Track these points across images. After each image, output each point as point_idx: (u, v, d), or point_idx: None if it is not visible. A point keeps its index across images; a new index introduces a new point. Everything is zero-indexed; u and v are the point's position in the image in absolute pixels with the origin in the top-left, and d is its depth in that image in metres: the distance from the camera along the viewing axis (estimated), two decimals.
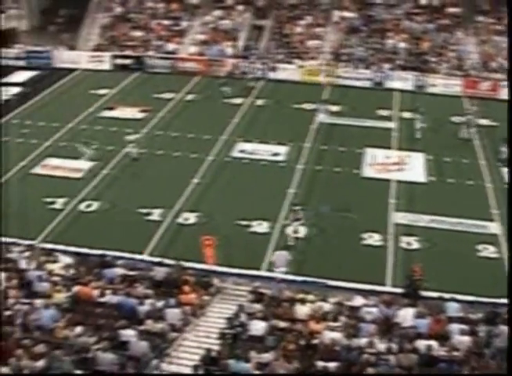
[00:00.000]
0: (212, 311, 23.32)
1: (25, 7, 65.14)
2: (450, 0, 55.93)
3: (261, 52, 53.77)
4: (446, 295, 22.98)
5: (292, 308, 21.94)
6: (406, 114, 43.13)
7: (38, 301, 21.68)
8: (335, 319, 21.06)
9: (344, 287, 24.93)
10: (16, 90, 50.18)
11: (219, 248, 26.18)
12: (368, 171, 35.54)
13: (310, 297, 22.62)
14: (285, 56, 53.06)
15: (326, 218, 30.77)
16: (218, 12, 58.38)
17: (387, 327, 20.80)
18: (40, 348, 18.81)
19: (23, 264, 24.80)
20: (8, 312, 20.77)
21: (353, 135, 39.89)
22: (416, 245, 28.60)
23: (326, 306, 22.02)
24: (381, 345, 19.45)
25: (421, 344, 19.48)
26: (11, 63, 56.17)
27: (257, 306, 22.19)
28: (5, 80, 52.45)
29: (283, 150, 38.10)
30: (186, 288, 23.06)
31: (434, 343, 19.46)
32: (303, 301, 22.09)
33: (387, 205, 31.90)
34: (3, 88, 50.25)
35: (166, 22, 58.51)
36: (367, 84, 49.40)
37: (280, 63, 51.93)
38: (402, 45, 52.49)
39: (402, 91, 47.95)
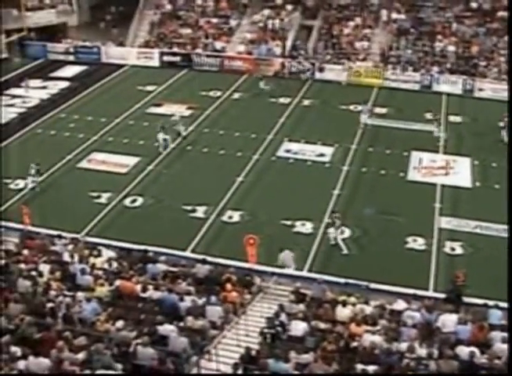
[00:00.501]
0: (253, 310, 23.29)
1: (75, 3, 65.75)
2: (501, 4, 55.18)
3: (309, 53, 53.67)
4: (489, 302, 22.71)
5: (333, 309, 21.84)
6: (454, 118, 42.71)
7: (81, 294, 21.86)
8: (376, 323, 20.90)
9: (386, 290, 24.81)
10: (64, 84, 50.72)
11: (262, 247, 26.18)
12: (413, 175, 35.27)
13: (352, 299, 22.48)
14: (333, 56, 52.88)
15: (371, 220, 30.65)
16: (267, 12, 58.25)
17: (428, 333, 20.59)
18: (81, 340, 18.93)
19: (66, 257, 25.07)
20: (50, 304, 20.97)
21: (399, 138, 39.56)
22: (459, 250, 28.34)
23: (368, 309, 21.86)
24: (422, 350, 19.25)
25: (462, 350, 19.25)
26: (60, 57, 56.83)
27: (298, 307, 22.13)
28: (54, 74, 53.08)
29: (328, 150, 37.96)
30: (228, 286, 23.08)
31: (475, 350, 19.23)
32: (344, 304, 21.94)
33: (432, 209, 31.63)
34: (52, 82, 50.85)
35: (215, 20, 58.66)
36: (415, 86, 48.99)
37: (328, 63, 51.77)
38: (451, 48, 51.92)
39: (449, 94, 47.44)
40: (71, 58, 56.89)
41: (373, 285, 25.04)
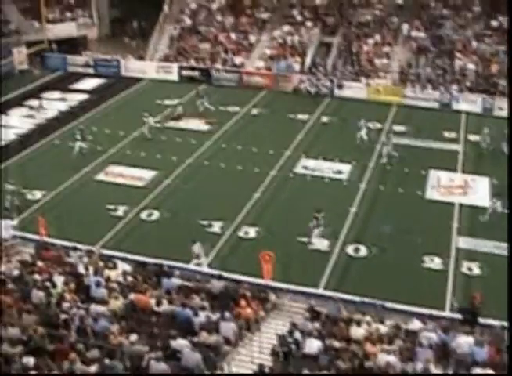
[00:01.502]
0: (267, 326, 23.22)
1: (96, 16, 66.24)
2: None
3: (328, 69, 53.65)
4: (506, 324, 22.49)
5: (348, 328, 21.71)
6: (473, 137, 42.54)
7: (95, 307, 21.85)
8: (391, 342, 20.77)
9: (401, 309, 24.63)
10: (83, 97, 50.97)
11: (278, 264, 26.04)
12: (432, 194, 35.10)
13: (367, 318, 22.34)
14: (352, 73, 52.86)
15: (388, 238, 30.50)
16: (286, 28, 58.42)
17: (443, 353, 20.45)
18: (93, 353, 18.92)
19: (81, 269, 25.07)
20: (64, 316, 20.96)
21: (418, 157, 39.42)
22: (477, 271, 28.12)
23: (383, 328, 21.75)
24: (437, 371, 19.10)
25: (478, 372, 19.07)
26: (80, 70, 57.16)
27: (313, 324, 22.02)
28: (73, 86, 53.37)
29: (346, 168, 37.86)
30: (243, 302, 22.99)
31: (491, 372, 19.04)
32: (359, 322, 21.82)
33: (449, 229, 31.44)
34: (71, 95, 51.10)
35: (234, 35, 58.83)
36: (434, 105, 48.87)
37: (347, 80, 51.77)
38: (471, 66, 51.72)
39: (469, 113, 47.25)
40: (91, 71, 57.22)
41: (388, 304, 24.82)
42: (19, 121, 45.39)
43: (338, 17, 58.63)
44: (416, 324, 22.32)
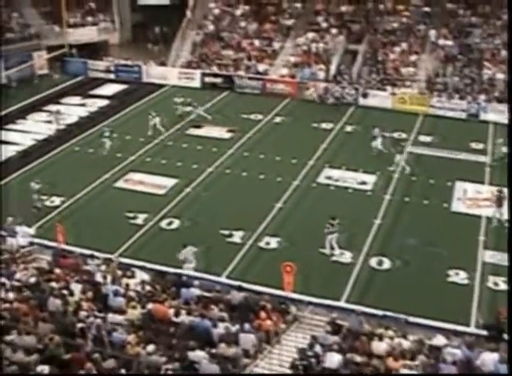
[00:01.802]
0: (287, 339, 23.16)
1: (117, 21, 66.56)
2: None
3: (353, 77, 53.63)
4: None
5: (370, 342, 21.63)
6: (501, 148, 42.32)
7: (112, 316, 21.92)
8: (414, 358, 20.67)
9: (425, 324, 24.51)
10: (104, 102, 51.22)
11: (299, 275, 25.98)
12: (458, 206, 34.93)
13: (389, 332, 22.26)
14: (377, 82, 52.79)
15: (412, 251, 30.39)
16: (311, 35, 58.44)
17: (467, 370, 20.31)
18: (110, 363, 18.97)
19: (99, 277, 25.16)
20: (80, 325, 21.04)
21: (444, 168, 39.26)
22: (503, 286, 27.88)
23: (406, 343, 21.64)
24: None
25: None
26: (101, 75, 57.48)
27: (334, 338, 21.96)
28: (93, 92, 53.65)
29: (370, 178, 37.79)
30: (263, 314, 22.97)
31: None
32: (382, 337, 21.75)
33: (475, 242, 31.27)
34: (92, 100, 51.38)
35: (258, 42, 58.96)
36: (461, 115, 48.65)
37: (372, 89, 51.74)
38: (500, 76, 51.47)
39: (497, 124, 46.95)
40: (112, 76, 57.58)
41: (412, 319, 24.70)
42: (37, 127, 45.70)
43: (364, 24, 58.62)
44: (439, 340, 22.19)
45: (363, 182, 37.35)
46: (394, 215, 33.96)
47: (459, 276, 28.48)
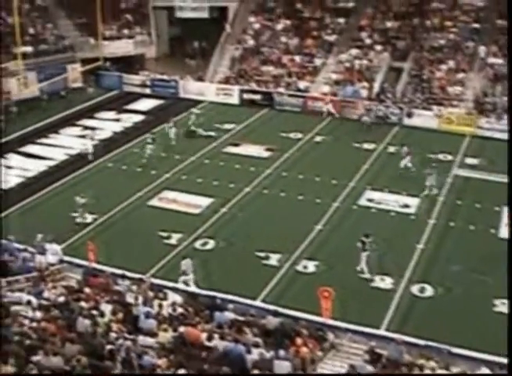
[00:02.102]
0: (324, 368, 23.02)
1: (154, 34, 66.95)
2: None
3: (397, 96, 53.47)
4: None
5: (410, 373, 21.44)
6: None
7: (143, 338, 21.94)
8: None
9: (469, 356, 24.21)
10: (139, 118, 51.57)
11: (337, 301, 25.86)
12: (506, 232, 34.49)
13: (431, 363, 22.03)
14: (423, 101, 52.58)
15: (456, 278, 30.13)
16: (354, 51, 58.48)
17: None
18: None
19: (129, 298, 25.24)
20: (109, 347, 21.07)
21: (491, 191, 38.90)
22: None
23: None
24: None
25: None
26: (136, 90, 57.92)
27: (373, 367, 21.80)
28: (128, 107, 54.04)
29: (413, 201, 37.60)
30: (298, 341, 22.86)
31: None
32: (422, 368, 21.55)
33: None
34: (126, 115, 51.77)
35: (299, 58, 59.06)
36: None
37: (417, 108, 51.55)
38: None
39: None
40: (147, 91, 58.06)
41: (455, 349, 24.40)
42: (70, 141, 46.11)
43: (410, 41, 58.54)
44: (484, 373, 21.96)
45: (406, 206, 37.18)
46: (438, 240, 33.72)
47: (506, 306, 28.08)
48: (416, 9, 60.87)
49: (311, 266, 30.98)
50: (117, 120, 51.17)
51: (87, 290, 25.71)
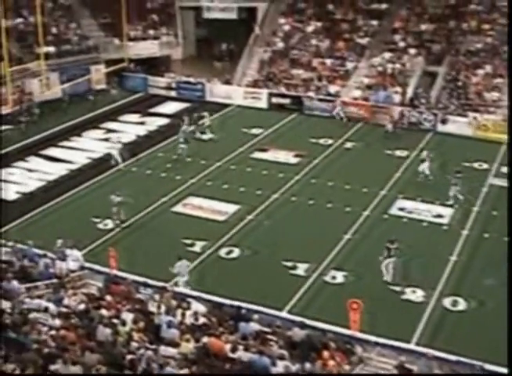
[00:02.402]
0: None
1: (181, 35, 67.08)
2: None
3: (431, 102, 53.34)
4: None
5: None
6: None
7: (164, 349, 22.01)
8: None
9: (503, 373, 24.07)
10: (164, 121, 51.74)
11: (366, 313, 25.83)
12: None
13: None
14: (458, 107, 52.39)
15: (490, 292, 29.99)
16: (387, 55, 58.37)
17: None
18: None
19: (152, 307, 25.32)
20: (130, 356, 21.16)
21: None
22: None
23: None
24: None
25: None
26: (161, 92, 58.12)
27: None
28: (153, 110, 54.25)
29: (447, 211, 37.47)
30: (325, 354, 22.85)
31: None
32: None
33: None
34: (151, 118, 51.96)
35: (330, 61, 59.06)
36: None
37: (452, 114, 51.37)
38: None
39: None
40: (173, 93, 58.31)
41: (488, 366, 24.31)
42: (93, 145, 46.40)
43: (445, 44, 58.37)
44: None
45: (439, 215, 37.06)
46: (472, 252, 33.57)
47: None
48: (453, 11, 60.67)
49: (340, 277, 30.97)
50: (142, 123, 51.41)
51: (108, 298, 25.78)
